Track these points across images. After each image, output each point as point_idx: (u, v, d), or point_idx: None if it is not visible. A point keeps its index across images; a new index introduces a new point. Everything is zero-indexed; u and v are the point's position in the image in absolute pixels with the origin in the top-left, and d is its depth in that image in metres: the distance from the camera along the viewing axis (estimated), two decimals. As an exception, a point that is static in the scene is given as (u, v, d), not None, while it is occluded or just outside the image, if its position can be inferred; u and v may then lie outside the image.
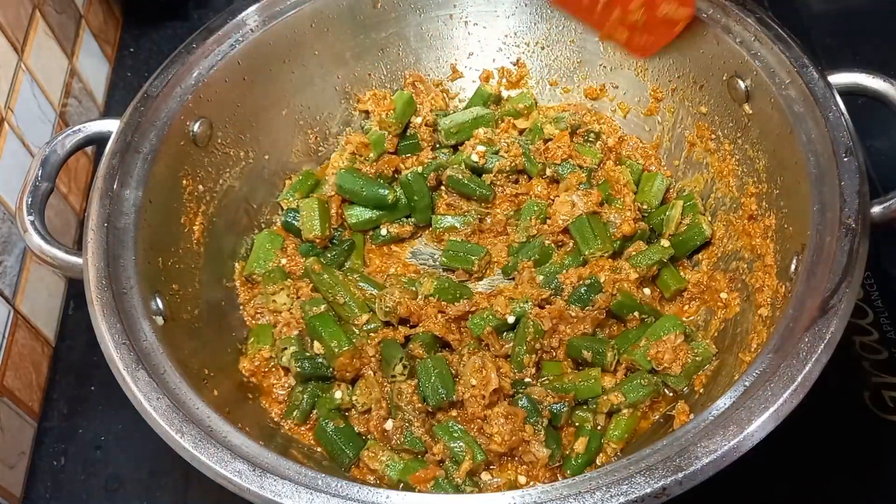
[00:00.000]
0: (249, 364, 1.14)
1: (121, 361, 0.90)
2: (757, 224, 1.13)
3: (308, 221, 1.25)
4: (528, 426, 1.03)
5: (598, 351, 1.10)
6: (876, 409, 1.18)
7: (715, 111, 1.22)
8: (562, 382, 1.09)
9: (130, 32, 1.77)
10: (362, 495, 0.81)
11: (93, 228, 1.01)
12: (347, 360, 1.10)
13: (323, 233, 1.25)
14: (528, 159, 1.29)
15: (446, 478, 1.00)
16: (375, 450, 1.04)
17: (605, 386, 1.09)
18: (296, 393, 1.12)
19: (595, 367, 1.11)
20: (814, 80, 1.04)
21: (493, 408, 1.04)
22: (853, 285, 0.88)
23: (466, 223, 1.28)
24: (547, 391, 1.07)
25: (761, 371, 0.86)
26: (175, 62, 1.16)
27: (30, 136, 1.34)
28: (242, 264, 1.26)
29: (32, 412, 1.26)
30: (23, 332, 1.26)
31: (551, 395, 1.07)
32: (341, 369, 1.10)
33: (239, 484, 0.81)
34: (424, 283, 1.16)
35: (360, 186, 1.28)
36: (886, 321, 1.26)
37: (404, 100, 1.36)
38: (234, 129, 1.25)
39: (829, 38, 1.63)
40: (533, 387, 1.09)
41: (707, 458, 0.79)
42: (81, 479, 1.21)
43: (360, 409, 1.09)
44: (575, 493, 0.79)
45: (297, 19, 1.26)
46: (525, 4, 1.35)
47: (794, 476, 1.13)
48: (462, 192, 1.30)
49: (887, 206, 0.98)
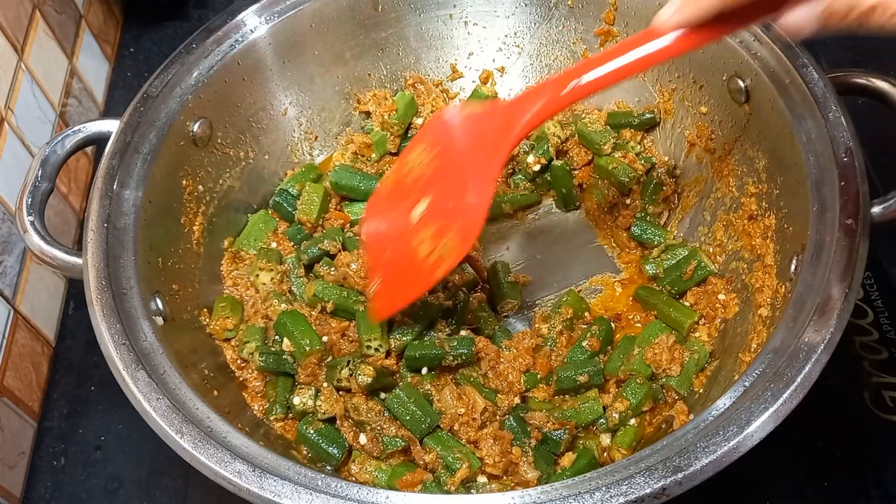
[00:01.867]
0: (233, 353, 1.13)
1: (121, 361, 0.90)
2: (757, 224, 1.13)
3: (307, 205, 1.26)
4: (515, 448, 1.02)
5: (594, 371, 1.09)
6: (876, 409, 1.18)
7: (715, 111, 1.22)
8: (561, 410, 1.07)
9: (130, 32, 1.77)
10: (362, 495, 0.80)
11: (93, 228, 1.01)
12: (316, 360, 1.09)
13: (316, 220, 1.26)
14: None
15: (437, 483, 0.99)
16: (361, 461, 1.03)
17: (605, 404, 1.08)
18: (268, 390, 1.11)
19: (592, 389, 1.10)
20: (814, 80, 1.04)
21: (483, 429, 1.03)
22: (853, 285, 0.88)
23: None
24: (549, 417, 1.06)
25: (761, 371, 0.86)
26: (175, 62, 1.16)
27: (30, 136, 1.34)
28: (231, 240, 1.25)
29: (32, 412, 1.26)
30: (23, 332, 1.26)
31: (552, 422, 1.05)
32: (307, 369, 1.09)
33: (239, 484, 0.81)
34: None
35: (356, 182, 1.28)
36: (886, 321, 1.26)
37: (406, 101, 1.36)
38: (234, 129, 1.25)
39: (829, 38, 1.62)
40: (533, 412, 1.07)
41: (707, 458, 0.79)
42: (81, 479, 1.21)
43: (321, 416, 1.07)
44: (575, 493, 0.79)
45: (297, 19, 1.26)
46: (525, 4, 1.35)
47: (794, 476, 1.13)
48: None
49: (887, 206, 0.98)
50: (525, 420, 1.05)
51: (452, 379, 1.10)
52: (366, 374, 1.05)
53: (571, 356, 1.13)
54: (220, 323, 1.14)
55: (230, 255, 1.24)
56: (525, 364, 1.10)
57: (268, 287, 1.20)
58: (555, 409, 1.08)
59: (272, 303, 1.17)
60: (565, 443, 1.04)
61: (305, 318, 1.13)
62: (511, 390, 1.09)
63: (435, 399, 1.06)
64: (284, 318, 1.12)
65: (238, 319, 1.16)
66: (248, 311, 1.18)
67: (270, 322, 1.16)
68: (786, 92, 1.06)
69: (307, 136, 1.36)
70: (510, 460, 1.01)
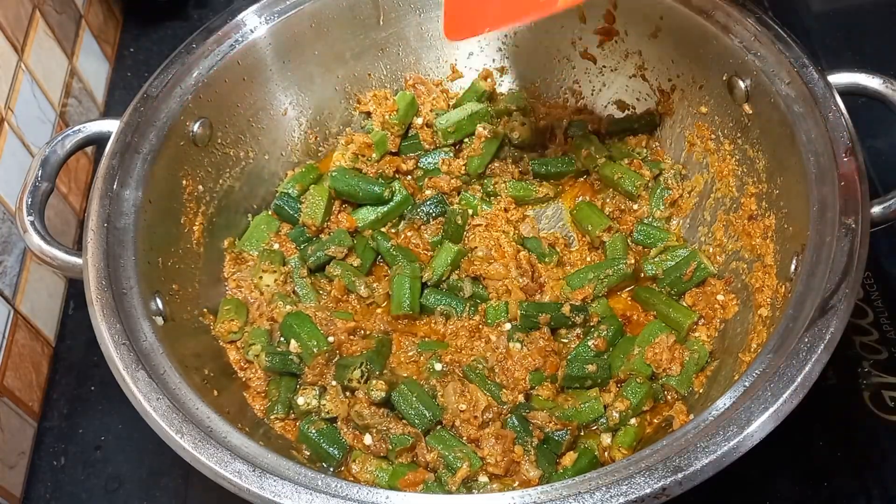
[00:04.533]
0: (237, 354, 1.14)
1: (121, 361, 0.91)
2: (757, 224, 1.13)
3: (311, 208, 1.26)
4: (517, 447, 1.02)
5: (602, 363, 1.10)
6: (876, 409, 1.18)
7: (715, 111, 1.22)
8: (562, 410, 1.07)
9: (130, 32, 1.77)
10: (362, 495, 0.81)
11: (93, 228, 1.01)
12: (324, 360, 1.09)
13: (321, 224, 1.26)
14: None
15: (438, 483, 0.99)
16: (362, 461, 1.03)
17: (605, 403, 1.08)
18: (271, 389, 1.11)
19: (593, 388, 1.10)
20: (814, 80, 1.04)
21: (485, 428, 1.03)
22: (853, 285, 0.88)
23: None
24: (551, 417, 1.06)
25: (761, 371, 0.86)
26: (175, 62, 1.16)
27: (30, 136, 1.34)
28: (231, 240, 1.25)
29: (32, 412, 1.26)
30: (23, 332, 1.26)
31: (554, 422, 1.05)
32: (315, 369, 1.09)
33: (239, 484, 0.81)
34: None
35: (354, 186, 1.28)
36: (886, 321, 1.26)
37: (407, 101, 1.36)
38: (234, 129, 1.25)
39: (829, 38, 1.63)
40: (536, 411, 1.06)
41: (707, 458, 0.79)
42: (81, 479, 1.21)
43: (325, 416, 1.07)
44: (575, 493, 0.79)
45: (297, 19, 1.26)
46: (525, 4, 1.35)
47: (794, 476, 1.13)
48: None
49: (887, 206, 0.98)
50: (527, 419, 1.05)
51: (459, 369, 1.10)
52: (379, 389, 1.05)
53: (578, 353, 1.14)
54: (226, 325, 1.14)
55: (232, 257, 1.24)
56: (534, 364, 1.11)
57: (272, 289, 1.20)
58: (557, 408, 1.08)
59: (277, 304, 1.17)
60: (567, 443, 1.04)
61: (311, 318, 1.13)
62: (516, 387, 1.09)
63: (439, 395, 1.07)
64: (290, 320, 1.13)
65: (243, 321, 1.16)
66: (254, 313, 1.18)
67: (276, 324, 1.16)
68: (786, 92, 1.06)
69: (307, 136, 1.36)
70: (512, 459, 1.01)
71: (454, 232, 1.26)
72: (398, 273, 1.20)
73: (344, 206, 1.31)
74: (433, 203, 1.30)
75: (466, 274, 1.21)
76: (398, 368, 1.14)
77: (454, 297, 1.19)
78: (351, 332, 1.15)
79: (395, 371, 1.14)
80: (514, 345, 1.12)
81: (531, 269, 1.21)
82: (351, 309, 1.21)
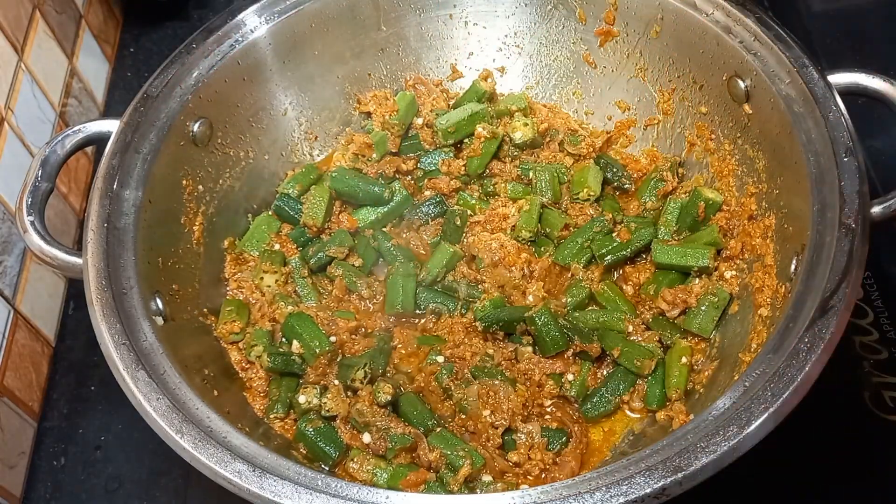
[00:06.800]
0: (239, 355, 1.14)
1: (121, 361, 0.91)
2: (757, 224, 1.13)
3: (312, 209, 1.26)
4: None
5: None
6: (876, 409, 1.18)
7: (715, 111, 1.22)
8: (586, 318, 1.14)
9: (130, 32, 1.77)
10: (362, 495, 0.81)
11: (93, 228, 1.01)
12: (326, 360, 1.10)
13: (322, 224, 1.25)
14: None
15: (440, 483, 0.99)
16: (360, 459, 1.03)
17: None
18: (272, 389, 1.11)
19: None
20: (814, 80, 1.04)
21: (527, 422, 1.05)
22: (853, 285, 0.88)
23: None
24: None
25: (761, 371, 0.86)
26: (175, 62, 1.16)
27: (30, 136, 1.34)
28: (231, 240, 1.25)
29: (32, 412, 1.26)
30: (23, 332, 1.26)
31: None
32: (318, 369, 1.09)
33: (239, 484, 0.81)
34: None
35: (354, 187, 1.27)
36: (886, 321, 1.26)
37: (407, 101, 1.36)
38: (234, 129, 1.25)
39: (829, 38, 1.63)
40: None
41: (707, 458, 0.79)
42: (81, 479, 1.21)
43: (326, 414, 1.07)
44: (575, 493, 0.79)
45: (297, 19, 1.26)
46: (525, 4, 1.35)
47: (793, 476, 1.13)
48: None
49: (887, 206, 0.98)
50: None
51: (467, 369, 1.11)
52: (385, 392, 1.06)
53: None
54: (228, 326, 1.14)
55: (233, 258, 1.24)
56: (555, 368, 1.12)
57: (273, 289, 1.20)
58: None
59: (278, 305, 1.17)
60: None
61: (312, 318, 1.14)
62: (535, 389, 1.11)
63: (458, 396, 1.07)
64: (292, 321, 1.13)
65: (245, 322, 1.16)
66: (255, 314, 1.18)
67: (277, 325, 1.16)
68: (786, 92, 1.06)
69: (307, 136, 1.36)
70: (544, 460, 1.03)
71: (453, 233, 1.26)
72: (392, 272, 1.20)
73: (345, 207, 1.30)
74: (432, 203, 1.30)
75: (473, 279, 1.21)
76: (401, 364, 1.14)
77: (447, 296, 1.19)
78: (353, 332, 1.15)
79: (398, 367, 1.14)
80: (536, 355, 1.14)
81: (531, 271, 1.21)
82: (352, 308, 1.21)
